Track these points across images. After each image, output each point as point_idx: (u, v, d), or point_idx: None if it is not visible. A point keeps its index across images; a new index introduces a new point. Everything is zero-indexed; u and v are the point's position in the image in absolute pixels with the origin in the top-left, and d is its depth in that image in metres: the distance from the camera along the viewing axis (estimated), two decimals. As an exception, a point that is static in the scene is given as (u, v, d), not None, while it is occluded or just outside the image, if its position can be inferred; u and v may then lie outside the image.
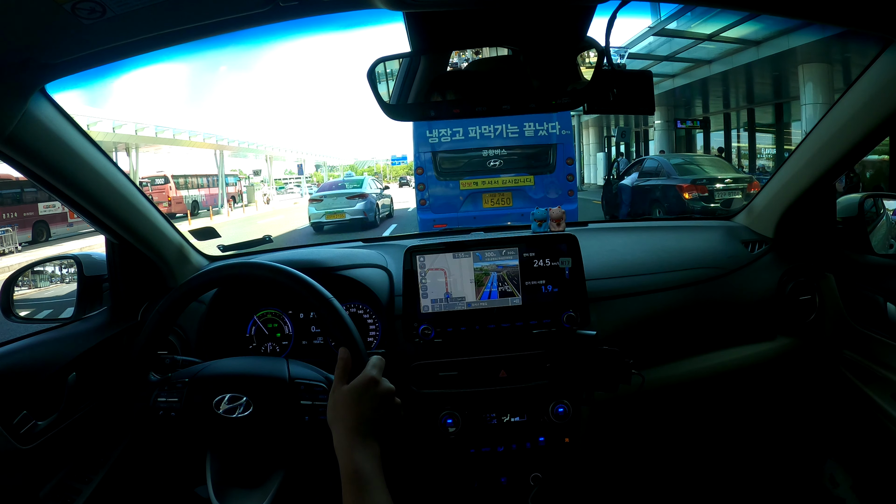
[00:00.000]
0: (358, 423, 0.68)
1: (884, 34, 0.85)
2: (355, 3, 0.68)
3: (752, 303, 1.26)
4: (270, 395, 0.79)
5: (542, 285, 1.12)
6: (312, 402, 0.78)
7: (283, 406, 0.78)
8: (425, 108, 0.86)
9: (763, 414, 1.45)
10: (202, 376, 0.83)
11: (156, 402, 0.82)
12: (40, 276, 1.22)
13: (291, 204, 24.53)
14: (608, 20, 0.79)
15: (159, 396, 0.82)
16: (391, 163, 48.41)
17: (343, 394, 0.70)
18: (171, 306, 0.81)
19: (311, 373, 0.83)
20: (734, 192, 7.26)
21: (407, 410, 0.78)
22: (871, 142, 1.05)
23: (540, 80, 0.85)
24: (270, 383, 0.80)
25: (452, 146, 5.84)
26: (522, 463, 1.12)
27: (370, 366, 0.74)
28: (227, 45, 1.05)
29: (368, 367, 0.74)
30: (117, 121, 16.10)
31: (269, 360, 0.86)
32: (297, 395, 0.79)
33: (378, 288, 1.20)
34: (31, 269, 1.20)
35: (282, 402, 0.79)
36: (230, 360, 0.89)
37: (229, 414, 0.78)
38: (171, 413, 0.81)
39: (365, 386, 0.71)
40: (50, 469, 0.95)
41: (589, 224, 1.59)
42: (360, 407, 0.69)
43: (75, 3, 0.59)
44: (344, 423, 0.68)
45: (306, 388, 0.79)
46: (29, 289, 1.20)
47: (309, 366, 0.85)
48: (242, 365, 0.85)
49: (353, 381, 0.72)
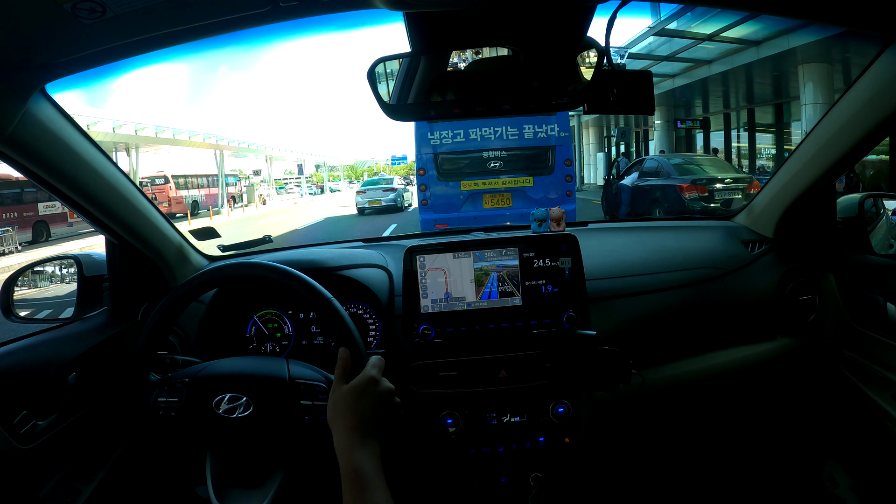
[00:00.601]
0: (358, 422, 0.68)
1: (884, 34, 0.85)
2: (355, 3, 0.68)
3: (752, 303, 1.26)
4: (270, 395, 0.79)
5: (542, 285, 1.12)
6: (312, 402, 0.78)
7: (283, 406, 0.78)
8: (425, 109, 0.86)
9: (763, 414, 1.45)
10: (202, 376, 0.83)
11: (156, 402, 0.82)
12: (40, 276, 1.22)
13: (291, 204, 24.74)
14: (608, 20, 0.79)
15: (159, 396, 0.82)
16: (391, 163, 48.20)
17: (343, 393, 0.71)
18: (172, 306, 0.81)
19: (311, 373, 0.83)
20: (734, 192, 7.29)
21: (407, 410, 0.78)
22: (871, 142, 1.05)
23: (540, 81, 0.85)
24: (270, 383, 0.80)
25: (453, 147, 5.92)
26: (522, 463, 1.12)
27: (370, 365, 0.74)
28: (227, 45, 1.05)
29: (368, 366, 0.74)
30: (117, 121, 16.10)
31: (269, 360, 0.86)
32: (297, 394, 0.79)
33: (378, 288, 1.20)
34: (31, 269, 1.20)
35: (282, 401, 0.79)
36: (230, 360, 0.89)
37: (229, 414, 0.78)
38: (171, 413, 0.81)
39: (365, 385, 0.71)
40: (50, 469, 0.95)
41: (589, 224, 1.59)
42: (360, 406, 0.69)
43: (75, 3, 0.59)
44: (344, 422, 0.68)
45: (306, 388, 0.79)
46: (29, 289, 1.20)
47: (309, 366, 0.85)
48: (242, 365, 0.86)
49: (352, 381, 0.72)
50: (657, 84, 13.29)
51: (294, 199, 28.08)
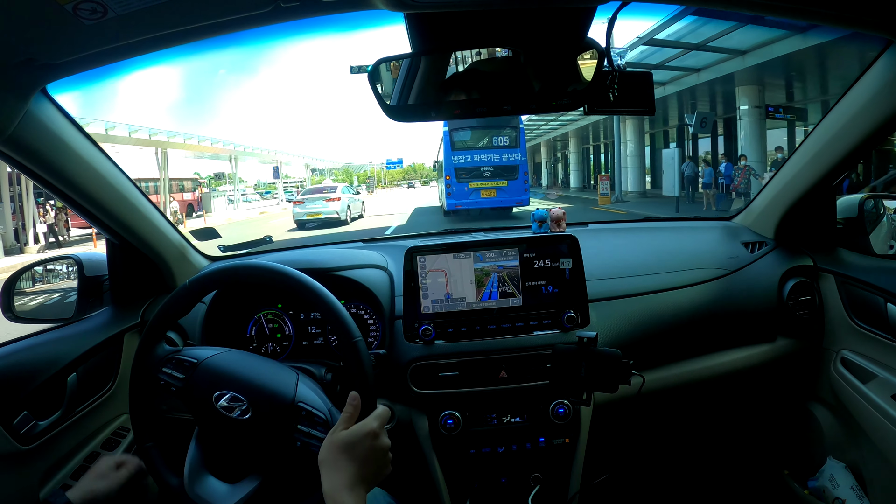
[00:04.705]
0: (349, 471, 0.68)
1: (884, 35, 0.85)
2: (356, 3, 0.68)
3: (752, 303, 1.26)
4: (270, 409, 0.78)
5: (542, 286, 1.12)
6: (309, 430, 0.76)
7: (280, 424, 0.77)
8: (426, 109, 0.86)
9: (763, 415, 1.45)
10: (211, 365, 0.81)
11: (160, 372, 0.81)
12: (41, 276, 1.22)
13: (257, 214, 19.86)
14: (608, 21, 0.80)
15: (165, 367, 0.81)
16: (386, 166, 47.41)
17: (341, 440, 0.70)
18: (188, 295, 0.82)
19: (317, 399, 0.80)
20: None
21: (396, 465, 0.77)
22: (871, 143, 1.05)
23: (540, 81, 0.85)
24: (274, 398, 0.78)
25: (466, 164, 11.25)
26: (522, 463, 1.12)
27: (374, 416, 0.73)
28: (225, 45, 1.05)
29: (372, 417, 0.73)
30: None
31: (281, 373, 0.83)
32: (296, 418, 0.77)
33: (378, 288, 1.20)
34: (31, 269, 1.20)
35: (280, 419, 0.77)
36: (246, 357, 0.86)
37: (226, 411, 0.77)
38: (171, 388, 0.80)
39: (364, 437, 0.70)
40: (50, 469, 0.95)
41: (589, 224, 1.59)
42: (354, 457, 0.69)
43: (77, 3, 0.59)
44: (335, 467, 0.68)
45: (307, 415, 0.77)
46: (29, 289, 1.20)
47: (318, 391, 0.83)
48: (254, 369, 0.83)
49: (353, 428, 0.71)
50: (727, 60, 10.03)
51: (262, 209, 22.80)
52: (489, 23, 0.79)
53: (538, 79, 0.84)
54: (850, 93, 1.03)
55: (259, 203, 28.36)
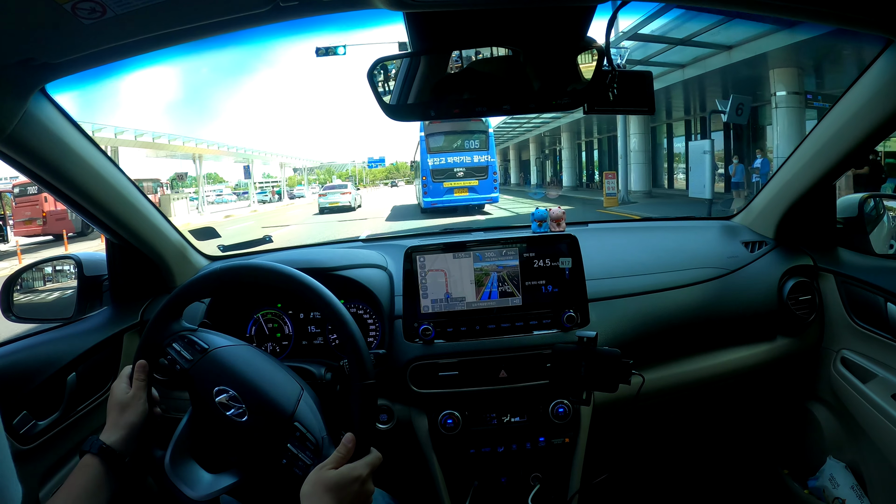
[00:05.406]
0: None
1: (884, 34, 0.85)
2: (355, 3, 0.68)
3: (752, 303, 1.26)
4: (266, 419, 0.76)
5: (542, 285, 1.12)
6: (297, 452, 0.74)
7: (272, 436, 0.75)
8: (425, 109, 0.86)
9: (763, 414, 1.45)
10: (222, 355, 0.80)
11: (168, 346, 0.80)
12: (40, 276, 1.22)
13: (222, 217, 18.31)
14: (608, 20, 0.80)
15: (174, 343, 0.80)
16: (367, 165, 46.59)
17: (328, 479, 0.69)
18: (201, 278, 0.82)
19: (314, 423, 0.78)
20: None
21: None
22: (871, 142, 1.05)
23: (540, 81, 0.85)
24: (272, 410, 0.77)
25: (441, 166, 12.22)
26: (522, 463, 1.12)
27: (365, 462, 0.72)
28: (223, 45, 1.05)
29: (363, 462, 0.72)
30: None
31: (286, 384, 0.81)
32: (287, 435, 0.75)
33: (378, 288, 1.20)
34: (31, 269, 1.20)
35: (273, 432, 0.76)
36: (257, 358, 0.84)
37: (223, 408, 0.77)
38: (175, 366, 0.79)
39: (351, 482, 0.69)
40: (49, 469, 0.95)
41: (589, 224, 1.59)
42: (338, 500, 0.68)
43: (76, 2, 0.59)
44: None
45: (300, 437, 0.75)
46: (29, 289, 1.20)
47: (317, 413, 0.80)
48: (261, 372, 0.81)
49: (342, 469, 0.70)
50: (767, 35, 8.34)
51: (228, 212, 21.00)
52: (488, 22, 0.79)
53: (538, 78, 0.84)
54: (850, 92, 1.03)
55: (233, 205, 26.82)
